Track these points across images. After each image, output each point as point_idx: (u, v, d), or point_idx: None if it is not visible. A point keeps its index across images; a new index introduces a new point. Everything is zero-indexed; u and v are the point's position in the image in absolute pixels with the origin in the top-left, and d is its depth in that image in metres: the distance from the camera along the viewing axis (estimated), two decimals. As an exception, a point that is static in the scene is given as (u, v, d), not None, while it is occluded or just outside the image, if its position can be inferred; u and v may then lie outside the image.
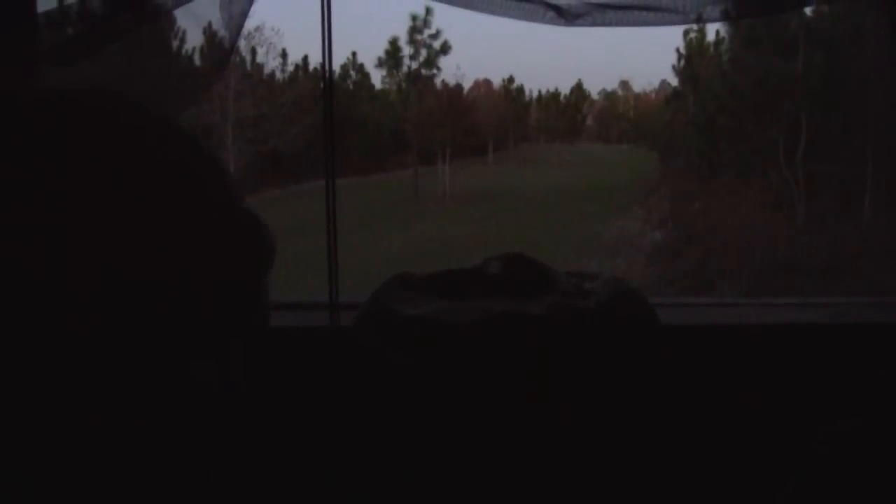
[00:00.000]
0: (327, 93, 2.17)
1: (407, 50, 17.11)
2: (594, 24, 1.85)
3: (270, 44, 18.04)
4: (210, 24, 1.95)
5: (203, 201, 0.75)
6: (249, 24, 1.86)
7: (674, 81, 15.46)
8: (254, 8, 1.95)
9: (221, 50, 2.00)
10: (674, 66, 15.03)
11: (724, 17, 1.96)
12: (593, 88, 19.00)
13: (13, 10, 1.88)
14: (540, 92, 19.41)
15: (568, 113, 18.84)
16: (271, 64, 18.66)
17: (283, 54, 18.96)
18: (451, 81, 18.18)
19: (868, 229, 11.51)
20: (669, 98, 15.64)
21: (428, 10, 16.47)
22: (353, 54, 19.62)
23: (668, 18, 1.86)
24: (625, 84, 19.59)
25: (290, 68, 19.22)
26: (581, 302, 1.75)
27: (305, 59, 19.06)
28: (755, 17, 9.75)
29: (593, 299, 1.76)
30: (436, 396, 1.68)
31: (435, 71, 17.07)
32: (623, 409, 1.73)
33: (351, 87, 19.25)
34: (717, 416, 1.94)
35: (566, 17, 1.83)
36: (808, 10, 12.12)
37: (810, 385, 1.98)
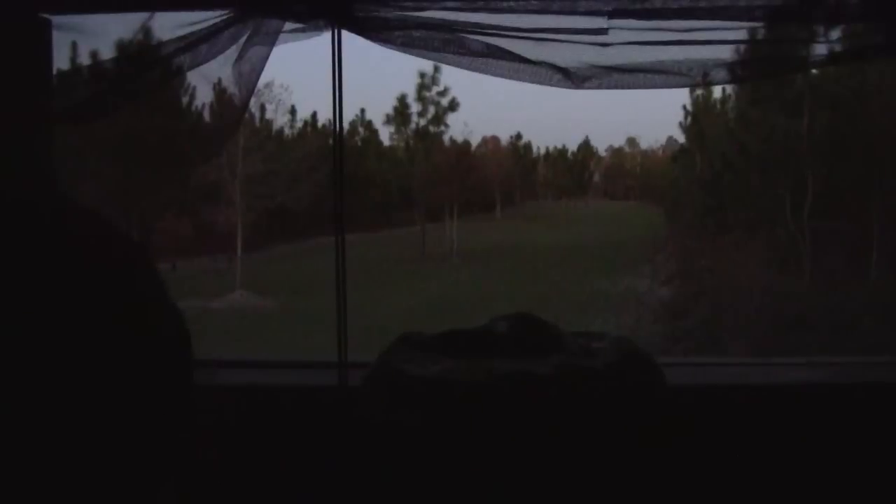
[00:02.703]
0: (337, 150, 2.18)
1: (415, 107, 17.28)
2: (601, 86, 1.87)
3: (279, 100, 18.20)
4: (220, 80, 1.97)
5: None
6: (259, 82, 1.89)
7: (680, 138, 15.57)
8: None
9: (232, 108, 2.02)
10: (680, 124, 15.14)
11: (731, 78, 1.99)
12: (600, 145, 19.11)
13: (30, 71, 1.91)
14: (547, 149, 19.51)
15: (575, 170, 18.94)
16: (280, 120, 18.78)
17: (292, 111, 19.07)
18: (459, 138, 18.32)
19: (875, 286, 11.49)
20: (676, 155, 15.74)
21: (436, 68, 16.68)
22: (362, 111, 19.76)
23: (675, 81, 1.88)
24: (632, 141, 19.68)
25: (299, 125, 19.31)
26: (588, 362, 1.75)
27: (314, 115, 19.16)
28: (761, 79, 9.83)
29: (601, 360, 1.76)
30: (444, 455, 1.67)
31: (443, 128, 17.22)
32: (630, 470, 1.72)
33: (359, 143, 19.38)
34: (726, 477, 1.93)
35: (574, 79, 1.85)
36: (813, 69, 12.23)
37: (816, 444, 1.97)
